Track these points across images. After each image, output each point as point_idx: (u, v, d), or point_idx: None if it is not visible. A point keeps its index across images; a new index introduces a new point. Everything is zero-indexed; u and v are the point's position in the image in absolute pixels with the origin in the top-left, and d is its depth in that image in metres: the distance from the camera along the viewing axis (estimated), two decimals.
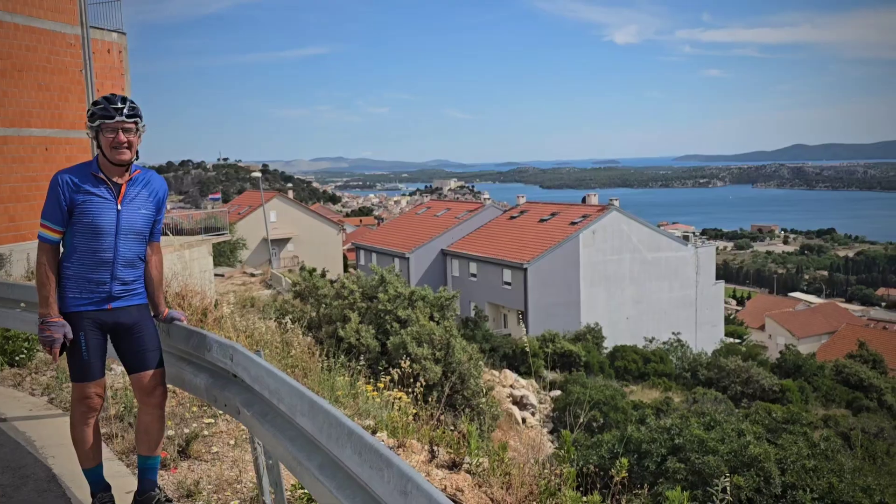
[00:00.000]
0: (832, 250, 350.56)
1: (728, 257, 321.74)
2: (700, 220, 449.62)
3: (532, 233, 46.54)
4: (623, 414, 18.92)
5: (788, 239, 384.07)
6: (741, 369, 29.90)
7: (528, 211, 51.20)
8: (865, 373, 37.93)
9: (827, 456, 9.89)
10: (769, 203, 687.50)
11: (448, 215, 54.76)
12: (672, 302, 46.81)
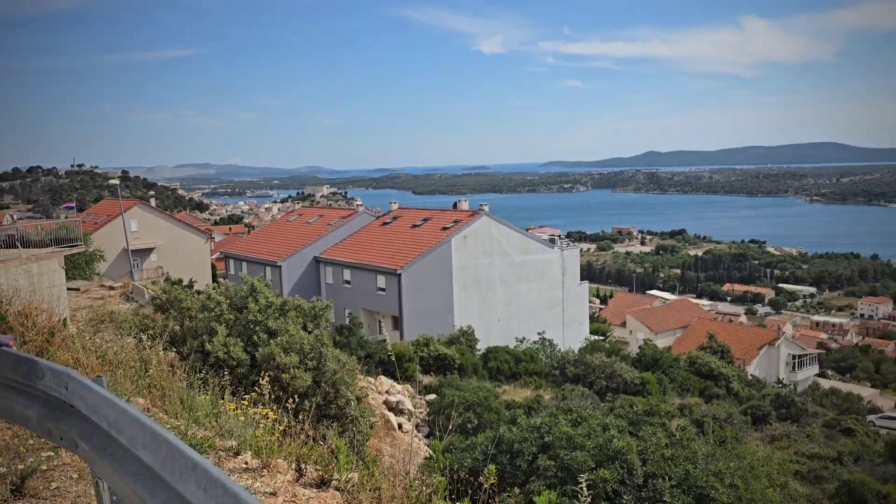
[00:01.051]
0: (684, 250, 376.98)
1: (591, 258, 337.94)
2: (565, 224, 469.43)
3: (405, 238, 46.71)
4: (496, 414, 19.28)
5: (645, 240, 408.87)
6: (605, 365, 31.37)
7: (401, 217, 51.36)
8: (715, 363, 40.97)
9: (683, 444, 10.52)
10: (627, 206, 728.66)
11: (321, 222, 53.92)
12: (541, 302, 48.49)
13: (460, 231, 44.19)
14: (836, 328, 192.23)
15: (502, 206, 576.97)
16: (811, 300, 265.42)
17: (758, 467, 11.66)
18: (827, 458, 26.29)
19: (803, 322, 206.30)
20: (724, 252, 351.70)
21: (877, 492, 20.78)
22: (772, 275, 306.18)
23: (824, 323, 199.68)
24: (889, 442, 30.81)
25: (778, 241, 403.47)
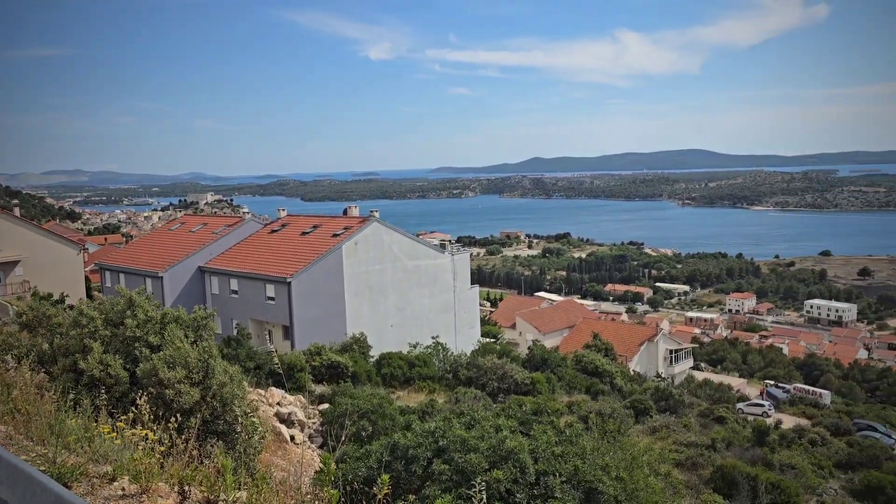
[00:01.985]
0: (569, 252, 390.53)
1: (481, 262, 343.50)
2: (455, 229, 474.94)
3: (294, 246, 45.77)
4: (391, 421, 19.20)
5: (532, 243, 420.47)
6: (497, 366, 31.94)
7: (290, 224, 50.28)
8: (599, 360, 42.62)
9: (571, 441, 10.85)
10: (515, 211, 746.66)
11: (205, 230, 51.91)
12: (433, 307, 48.80)
13: (351, 237, 43.79)
14: (707, 323, 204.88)
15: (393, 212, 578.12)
16: (685, 297, 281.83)
17: (640, 458, 12.21)
18: (702, 445, 27.91)
19: (678, 318, 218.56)
20: (606, 254, 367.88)
21: (746, 474, 22.28)
22: (650, 274, 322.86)
23: (697, 318, 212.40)
24: (756, 427, 33.14)
25: (654, 243, 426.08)
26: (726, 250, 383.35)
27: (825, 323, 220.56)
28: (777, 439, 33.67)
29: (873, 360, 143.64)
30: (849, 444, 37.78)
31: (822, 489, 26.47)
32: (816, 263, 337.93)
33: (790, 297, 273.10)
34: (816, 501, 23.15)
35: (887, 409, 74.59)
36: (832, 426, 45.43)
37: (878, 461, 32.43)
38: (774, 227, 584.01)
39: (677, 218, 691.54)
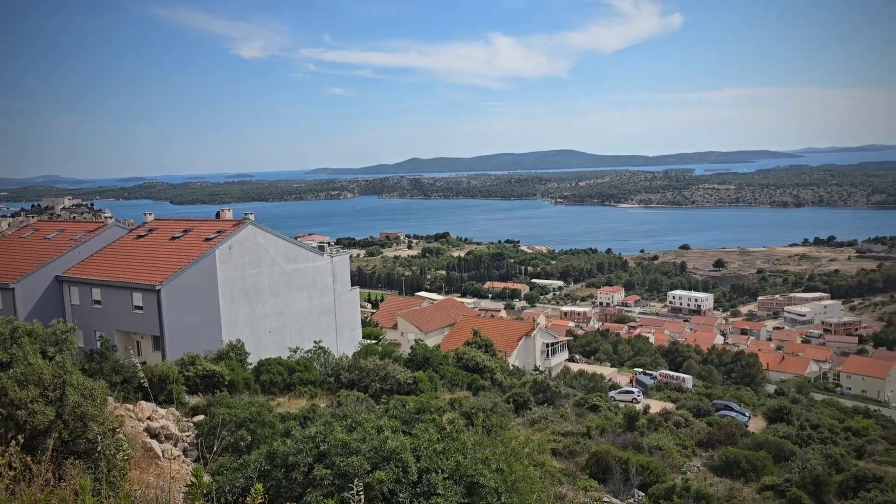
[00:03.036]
0: (448, 252, 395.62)
1: (361, 264, 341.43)
2: (334, 230, 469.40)
3: (164, 252, 43.57)
4: (271, 428, 18.68)
5: (412, 244, 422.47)
6: (379, 367, 31.85)
7: (159, 229, 47.82)
8: (480, 357, 43.45)
9: (453, 437, 10.98)
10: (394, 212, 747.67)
11: (62, 237, 48.38)
12: (313, 311, 47.98)
13: (225, 241, 42.25)
14: (581, 316, 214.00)
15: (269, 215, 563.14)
16: (560, 292, 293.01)
17: (519, 450, 12.54)
18: (578, 433, 29.10)
19: (554, 313, 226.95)
20: (484, 252, 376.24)
21: (618, 458, 23.44)
22: (526, 271, 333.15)
23: (571, 312, 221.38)
24: (626, 414, 34.93)
25: (530, 240, 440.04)
26: (596, 246, 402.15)
27: (686, 312, 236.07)
28: (646, 423, 35.65)
29: (728, 344, 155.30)
30: (709, 423, 40.60)
31: (687, 467, 28.28)
32: (677, 257, 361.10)
33: (655, 289, 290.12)
34: (681, 479, 24.68)
35: (741, 390, 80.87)
36: (694, 408, 48.68)
37: (735, 438, 35.09)
38: (639, 223, 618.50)
39: (551, 216, 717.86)
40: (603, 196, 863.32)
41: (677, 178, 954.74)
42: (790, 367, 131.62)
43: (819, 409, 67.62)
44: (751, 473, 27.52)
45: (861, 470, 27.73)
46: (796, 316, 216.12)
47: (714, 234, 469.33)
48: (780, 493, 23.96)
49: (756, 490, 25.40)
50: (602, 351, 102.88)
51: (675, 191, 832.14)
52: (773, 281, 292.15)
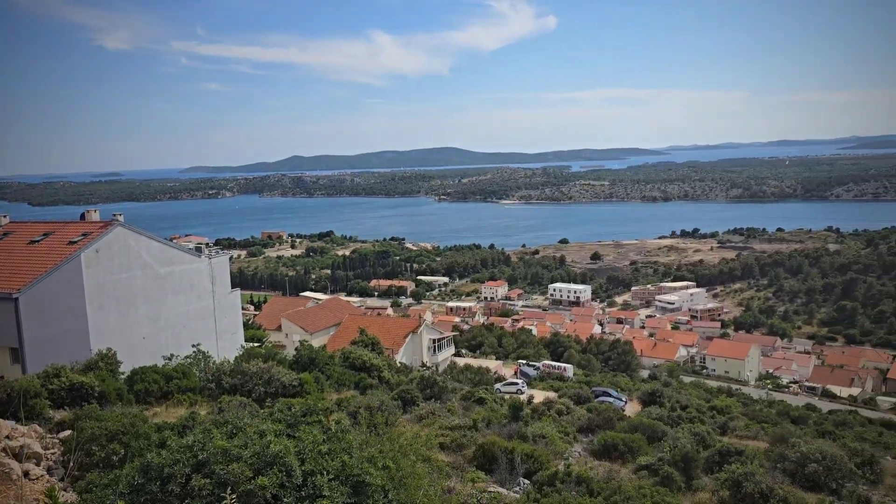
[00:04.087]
0: (333, 251, 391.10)
1: (243, 265, 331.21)
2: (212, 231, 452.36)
3: (21, 257, 40.36)
4: (146, 440, 17.75)
5: (295, 243, 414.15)
6: (262, 371, 30.98)
7: (15, 232, 44.22)
8: (367, 355, 43.24)
9: (339, 437, 10.86)
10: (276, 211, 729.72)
11: None
12: (191, 315, 46.00)
13: (91, 245, 39.68)
14: (466, 311, 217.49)
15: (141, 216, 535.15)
16: (445, 288, 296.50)
17: (406, 446, 12.59)
18: (465, 427, 29.54)
19: (440, 309, 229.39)
20: (370, 250, 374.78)
21: (504, 448, 24.02)
22: (412, 268, 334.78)
23: (457, 307, 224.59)
24: (511, 405, 35.84)
25: (415, 237, 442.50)
26: (480, 242, 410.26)
27: (566, 304, 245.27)
28: (530, 413, 36.74)
29: (606, 333, 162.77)
30: (588, 410, 42.40)
31: (569, 453, 29.39)
32: (557, 251, 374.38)
33: (537, 283, 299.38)
34: (564, 464, 25.62)
35: (618, 376, 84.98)
36: (574, 396, 50.67)
37: (612, 422, 36.82)
38: (520, 218, 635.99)
39: (435, 213, 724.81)
40: (485, 193, 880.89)
41: (555, 174, 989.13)
42: (662, 352, 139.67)
43: (688, 391, 72.19)
44: (627, 455, 28.96)
45: (725, 445, 29.84)
46: (666, 304, 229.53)
47: (591, 229, 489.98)
48: (654, 472, 25.37)
49: (632, 470, 26.77)
50: (487, 344, 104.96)
51: (553, 187, 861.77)
52: (645, 272, 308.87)
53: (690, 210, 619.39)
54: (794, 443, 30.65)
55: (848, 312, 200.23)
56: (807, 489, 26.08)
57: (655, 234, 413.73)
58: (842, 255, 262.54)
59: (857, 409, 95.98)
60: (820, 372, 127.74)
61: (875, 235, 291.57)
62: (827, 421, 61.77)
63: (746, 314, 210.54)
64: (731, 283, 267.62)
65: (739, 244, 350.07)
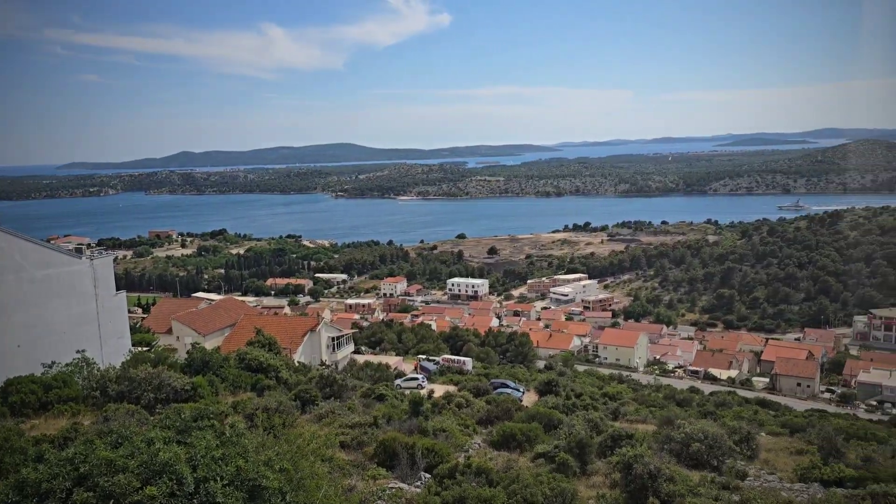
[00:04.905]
0: (226, 249, 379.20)
1: (129, 266, 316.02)
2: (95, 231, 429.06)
3: None
4: (22, 455, 16.60)
5: (186, 242, 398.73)
6: (152, 376, 29.64)
7: None
8: (263, 356, 42.23)
9: (234, 441, 10.53)
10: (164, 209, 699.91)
11: None
12: (72, 320, 43.36)
13: None
14: (366, 308, 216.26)
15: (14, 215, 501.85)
16: (344, 286, 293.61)
17: (305, 447, 12.37)
18: (366, 424, 29.39)
19: (339, 306, 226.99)
20: (265, 249, 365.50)
21: (405, 444, 24.07)
22: (309, 266, 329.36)
23: (356, 305, 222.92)
24: (412, 400, 35.95)
25: (312, 235, 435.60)
26: (378, 238, 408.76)
27: (464, 298, 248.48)
28: (430, 408, 36.97)
29: (503, 326, 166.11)
30: (487, 402, 43.13)
31: (469, 445, 29.80)
32: (454, 246, 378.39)
33: (435, 278, 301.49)
34: (464, 457, 25.96)
35: (516, 368, 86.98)
36: (474, 389, 51.42)
37: (511, 413, 37.63)
38: (418, 214, 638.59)
39: (332, 210, 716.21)
40: (383, 189, 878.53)
41: (452, 170, 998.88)
42: (557, 343, 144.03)
43: (582, 379, 74.81)
44: (525, 444, 29.70)
45: (616, 430, 31.14)
46: (560, 296, 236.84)
47: (487, 224, 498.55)
48: (551, 459, 26.14)
49: (530, 459, 27.49)
50: (387, 341, 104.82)
51: (450, 183, 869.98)
52: (540, 265, 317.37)
53: (582, 204, 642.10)
54: (679, 424, 32.41)
55: (726, 299, 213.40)
56: (691, 467, 27.62)
57: (549, 228, 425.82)
58: (720, 245, 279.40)
59: (735, 390, 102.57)
60: (702, 356, 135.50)
61: (749, 227, 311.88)
62: (709, 402, 65.65)
63: (635, 304, 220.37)
64: (620, 274, 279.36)
65: (628, 237, 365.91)
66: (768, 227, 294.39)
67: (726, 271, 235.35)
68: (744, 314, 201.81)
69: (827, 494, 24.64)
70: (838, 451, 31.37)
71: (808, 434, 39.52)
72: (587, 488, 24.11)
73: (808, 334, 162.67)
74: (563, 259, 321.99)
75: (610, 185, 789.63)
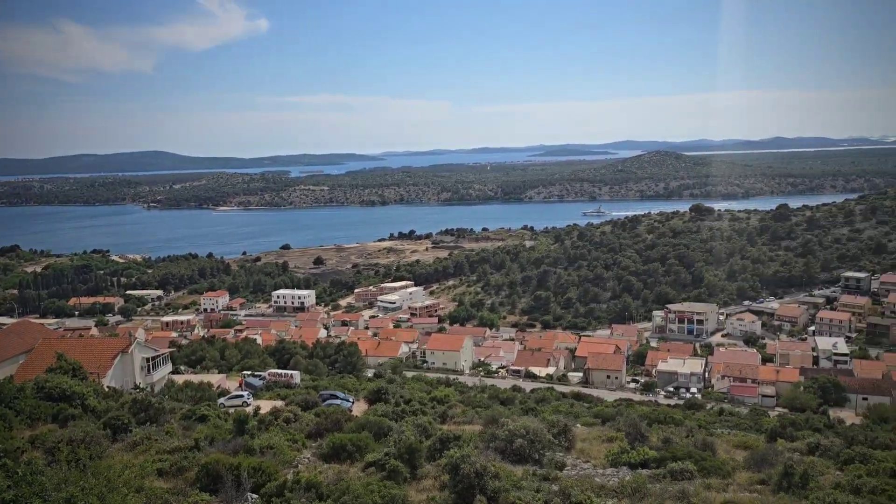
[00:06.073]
0: (19, 267, 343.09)
1: None
2: None
3: None
4: None
5: None
6: None
7: None
8: (67, 382, 38.59)
9: (29, 480, 9.49)
10: None
11: None
12: None
13: None
14: (184, 325, 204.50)
15: None
16: (159, 302, 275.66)
17: (115, 479, 11.45)
18: (186, 448, 27.77)
19: (155, 324, 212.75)
20: (67, 265, 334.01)
21: (229, 465, 23.04)
22: (119, 283, 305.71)
23: (174, 322, 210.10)
24: (236, 418, 34.53)
25: (121, 249, 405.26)
26: (197, 251, 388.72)
27: (291, 310, 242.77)
28: (256, 425, 35.68)
29: (332, 337, 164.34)
30: (316, 414, 42.39)
31: (298, 460, 29.11)
32: (279, 257, 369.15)
33: (259, 290, 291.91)
34: (293, 472, 25.33)
35: (345, 378, 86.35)
36: (302, 402, 50.34)
37: (340, 424, 37.25)
38: (240, 225, 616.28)
39: (144, 222, 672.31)
40: (200, 199, 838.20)
41: (275, 179, 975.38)
42: (386, 350, 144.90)
43: (411, 385, 75.83)
44: (356, 454, 29.53)
45: (444, 433, 31.88)
46: (388, 304, 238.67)
47: (313, 233, 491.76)
48: (381, 467, 26.21)
49: (361, 468, 27.38)
50: (209, 358, 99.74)
51: (273, 192, 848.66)
52: (367, 273, 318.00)
53: (406, 213, 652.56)
54: (503, 423, 33.82)
55: (543, 301, 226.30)
56: (515, 462, 28.94)
57: (375, 236, 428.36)
58: (536, 250, 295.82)
59: (554, 386, 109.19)
60: (523, 356, 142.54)
61: (561, 232, 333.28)
62: (530, 399, 69.22)
63: (460, 308, 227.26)
64: (445, 280, 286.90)
65: (451, 244, 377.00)
66: (578, 231, 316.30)
67: (542, 274, 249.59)
68: (559, 314, 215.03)
69: (633, 476, 26.86)
70: (643, 436, 34.28)
71: (617, 422, 42.81)
72: (417, 493, 24.47)
73: (615, 330, 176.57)
74: (390, 267, 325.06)
75: (433, 193, 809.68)
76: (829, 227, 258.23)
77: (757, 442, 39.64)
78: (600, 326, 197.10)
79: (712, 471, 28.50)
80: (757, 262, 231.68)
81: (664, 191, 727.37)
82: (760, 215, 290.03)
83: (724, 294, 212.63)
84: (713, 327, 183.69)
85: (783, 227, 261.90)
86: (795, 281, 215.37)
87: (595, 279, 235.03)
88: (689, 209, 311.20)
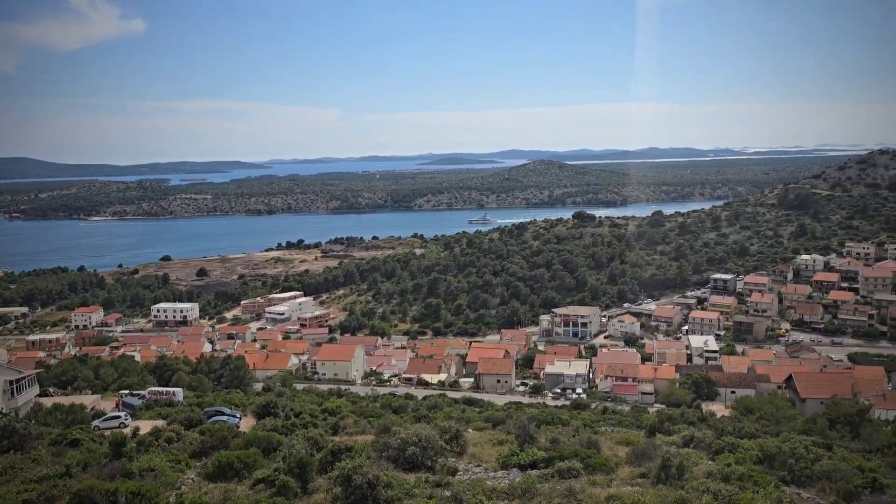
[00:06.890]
0: None
1: None
2: None
3: None
4: None
5: None
6: None
7: None
8: None
9: None
10: None
11: None
12: None
13: None
14: (53, 343, 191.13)
15: None
16: (24, 320, 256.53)
17: None
18: (56, 475, 25.92)
19: (19, 344, 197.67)
20: None
21: (105, 491, 21.66)
22: None
23: (41, 341, 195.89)
24: (112, 441, 32.54)
25: None
26: (67, 264, 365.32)
27: (172, 324, 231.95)
28: (135, 447, 33.79)
29: (217, 351, 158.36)
30: (201, 432, 40.65)
31: (181, 482, 27.78)
32: (159, 269, 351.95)
33: (138, 305, 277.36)
34: (176, 494, 24.14)
35: (231, 393, 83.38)
36: (185, 420, 48.17)
37: (227, 441, 35.89)
38: (115, 236, 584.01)
39: (6, 233, 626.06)
40: (70, 209, 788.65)
41: (153, 188, 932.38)
42: (274, 363, 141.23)
43: (301, 398, 74.23)
44: (244, 471, 28.52)
45: (336, 444, 31.38)
46: (276, 315, 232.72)
47: (195, 244, 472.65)
48: (271, 484, 25.44)
49: (249, 486, 26.46)
50: (82, 378, 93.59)
51: (151, 201, 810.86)
52: (254, 284, 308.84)
53: (294, 222, 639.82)
54: (395, 431, 33.71)
55: (434, 308, 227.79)
56: (408, 470, 28.89)
57: (262, 246, 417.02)
58: (426, 258, 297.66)
59: (446, 392, 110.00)
60: (415, 364, 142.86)
61: (451, 240, 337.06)
62: (422, 406, 69.38)
63: (351, 318, 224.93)
64: (335, 289, 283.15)
65: (341, 252, 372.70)
66: (467, 239, 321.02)
67: (433, 282, 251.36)
68: (450, 321, 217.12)
69: (523, 477, 27.46)
70: (532, 437, 35.15)
71: (507, 425, 43.69)
72: None
73: (505, 334, 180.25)
74: (278, 277, 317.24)
75: (322, 202, 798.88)
76: (699, 233, 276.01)
77: (638, 438, 41.58)
78: (490, 332, 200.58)
79: (597, 467, 29.61)
80: (635, 265, 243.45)
81: (549, 198, 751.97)
82: (637, 221, 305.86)
83: (605, 297, 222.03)
84: (596, 329, 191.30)
85: (658, 233, 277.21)
86: (670, 283, 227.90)
87: (484, 285, 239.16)
88: (573, 216, 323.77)
